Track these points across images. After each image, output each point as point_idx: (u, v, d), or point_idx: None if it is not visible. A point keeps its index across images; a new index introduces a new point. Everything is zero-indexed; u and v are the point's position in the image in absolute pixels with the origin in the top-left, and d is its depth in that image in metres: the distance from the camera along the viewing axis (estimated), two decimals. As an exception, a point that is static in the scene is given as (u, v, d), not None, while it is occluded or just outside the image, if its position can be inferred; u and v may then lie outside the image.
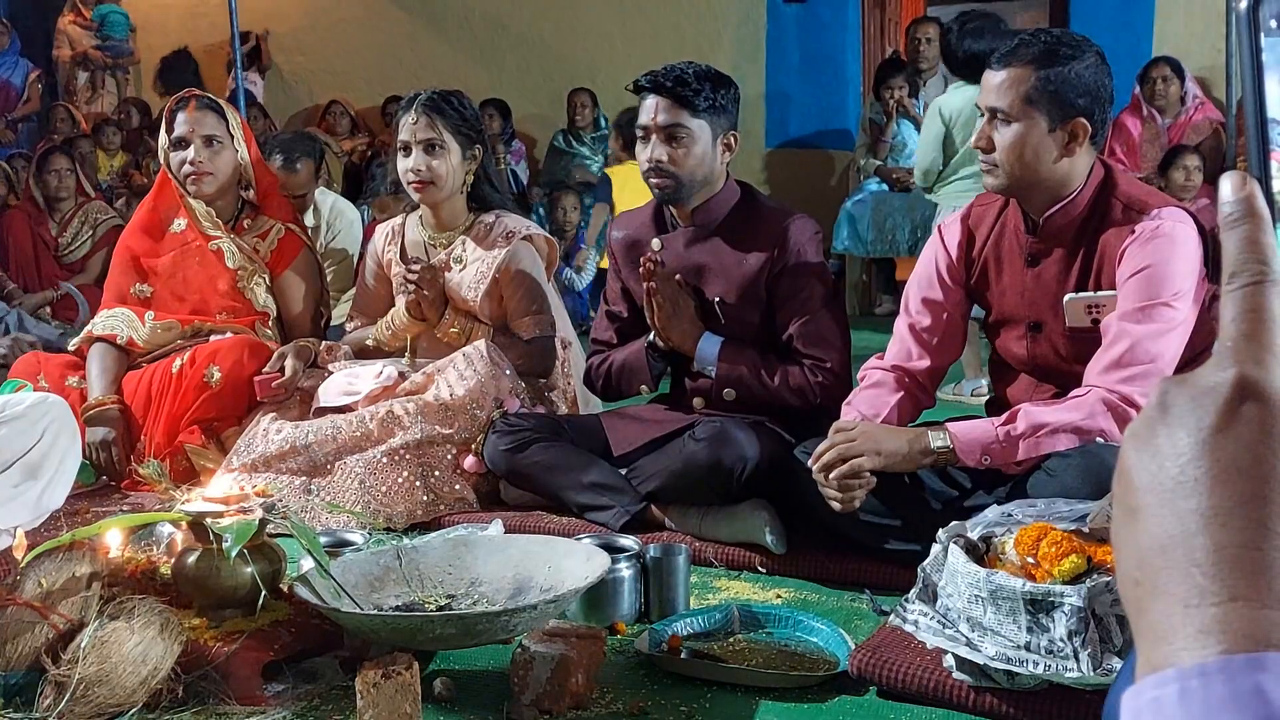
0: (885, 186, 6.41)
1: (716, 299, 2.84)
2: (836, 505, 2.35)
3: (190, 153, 3.52)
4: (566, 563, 2.18)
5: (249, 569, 2.04)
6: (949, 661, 1.88)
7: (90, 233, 6.83)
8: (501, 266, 3.29)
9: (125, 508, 3.13)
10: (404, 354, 3.42)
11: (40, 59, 8.27)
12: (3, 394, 3.09)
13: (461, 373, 3.15)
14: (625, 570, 2.30)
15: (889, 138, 6.35)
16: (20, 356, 3.73)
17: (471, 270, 3.32)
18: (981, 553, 1.93)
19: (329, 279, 4.01)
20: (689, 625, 2.23)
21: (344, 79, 8.47)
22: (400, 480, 3.02)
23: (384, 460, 3.04)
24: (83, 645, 1.86)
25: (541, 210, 6.54)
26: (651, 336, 2.91)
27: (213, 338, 3.51)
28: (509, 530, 2.65)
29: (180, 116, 3.54)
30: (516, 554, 2.26)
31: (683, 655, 2.10)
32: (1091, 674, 1.68)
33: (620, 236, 3.03)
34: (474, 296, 3.31)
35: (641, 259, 2.83)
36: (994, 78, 2.36)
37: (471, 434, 3.09)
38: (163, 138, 3.59)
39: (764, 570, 2.60)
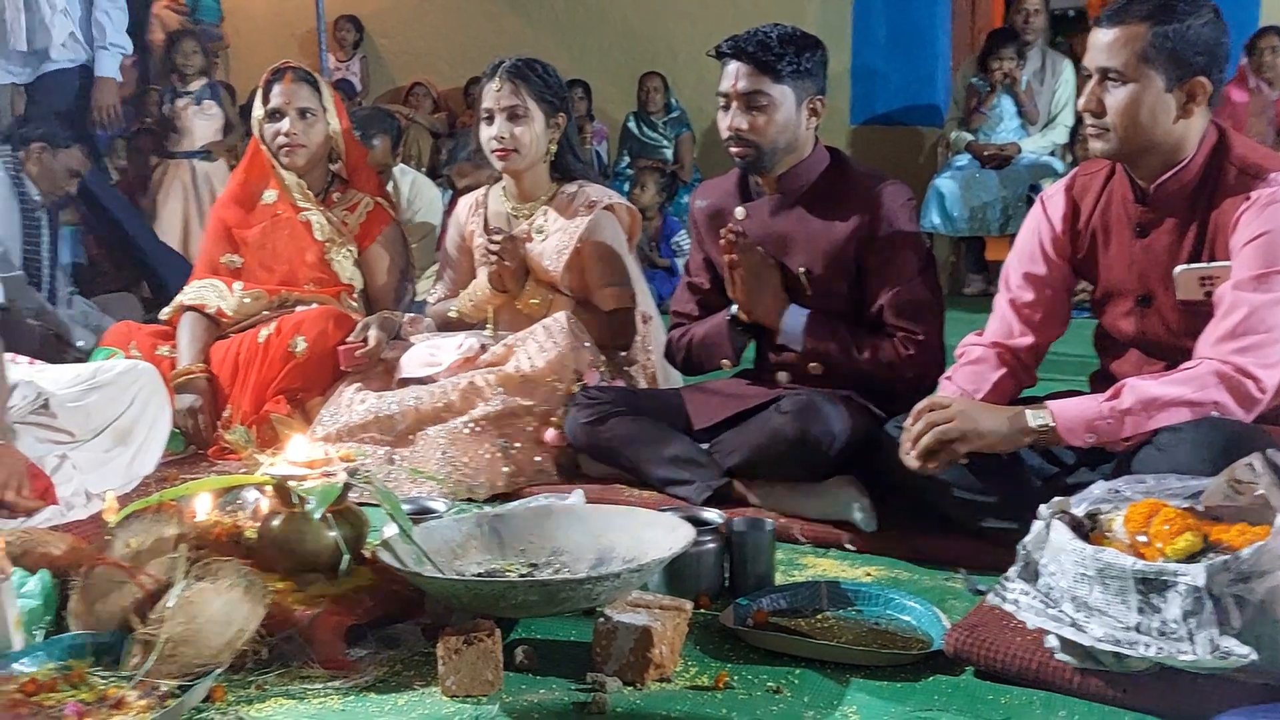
0: (976, 163, 6.28)
1: (802, 270, 2.77)
2: (913, 464, 2.28)
3: (285, 124, 3.56)
4: (649, 533, 2.14)
5: (332, 533, 2.04)
6: (1052, 642, 1.80)
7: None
8: (583, 237, 3.25)
9: (212, 474, 3.15)
10: (485, 325, 3.41)
11: (135, 45, 8.41)
12: (95, 361, 3.14)
13: (541, 344, 3.13)
14: (710, 543, 2.25)
15: (988, 109, 6.21)
16: (111, 327, 3.79)
17: (553, 241, 3.29)
18: (1087, 530, 1.85)
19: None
20: (775, 601, 2.17)
21: (426, 60, 8.51)
22: (482, 451, 3.00)
23: (465, 431, 3.02)
24: (170, 605, 1.86)
25: (626, 187, 6.52)
26: (734, 309, 2.85)
27: (298, 308, 3.53)
28: (590, 502, 2.61)
29: (276, 88, 3.57)
30: (598, 524, 2.22)
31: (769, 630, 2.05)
32: (1207, 657, 1.60)
33: (703, 205, 2.97)
34: (555, 267, 3.28)
35: (723, 229, 2.76)
36: (1104, 36, 2.25)
37: (551, 406, 3.06)
38: (257, 108, 3.62)
39: (853, 548, 2.53)
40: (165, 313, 3.68)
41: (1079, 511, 1.87)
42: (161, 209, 6.49)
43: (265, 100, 3.59)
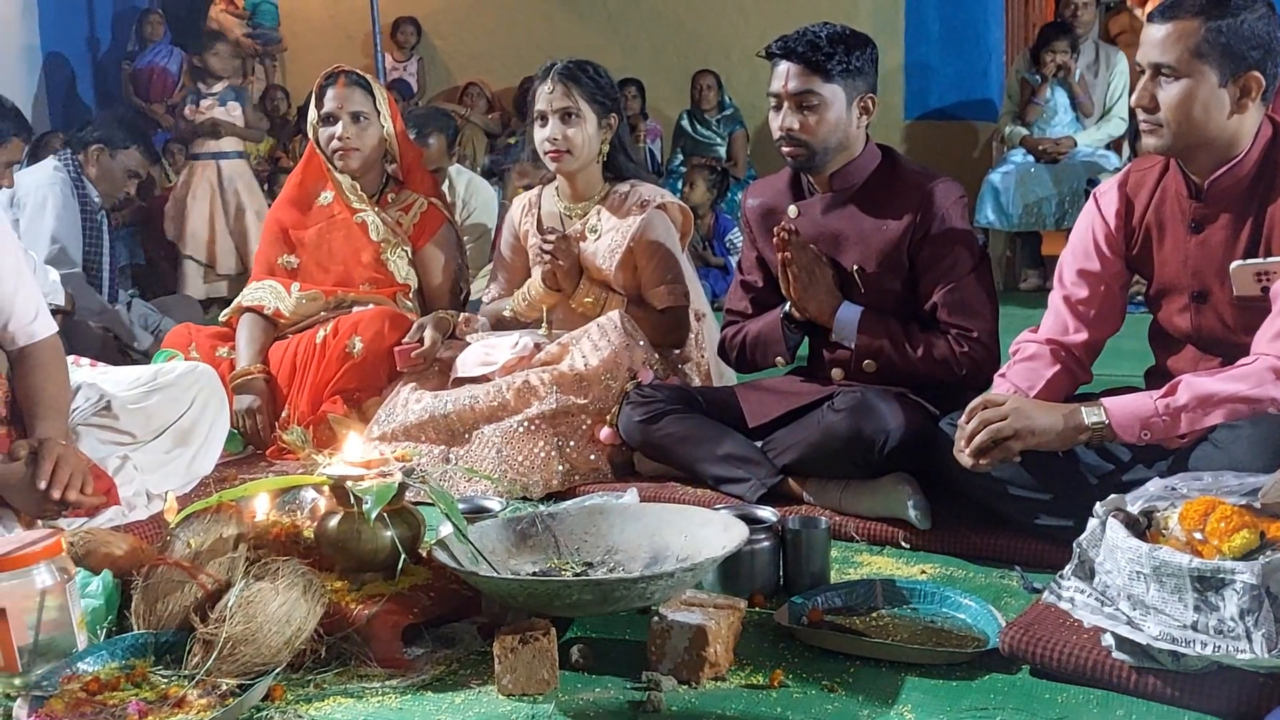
0: (1030, 158, 6.21)
1: (855, 267, 2.76)
2: (967, 462, 2.27)
3: (338, 128, 3.60)
4: (703, 532, 2.15)
5: (389, 533, 2.06)
6: (1108, 641, 1.79)
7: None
8: (636, 236, 3.27)
9: (271, 474, 3.19)
10: (540, 324, 3.43)
11: (193, 48, 8.54)
12: (156, 363, 3.19)
13: (596, 343, 3.14)
14: (764, 542, 2.25)
15: (1042, 100, 6.15)
16: (171, 329, 3.86)
17: (606, 240, 3.31)
18: (1143, 528, 1.83)
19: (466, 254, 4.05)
20: (830, 599, 2.17)
21: (481, 61, 8.57)
22: (536, 450, 3.02)
23: (520, 430, 3.05)
24: (229, 605, 1.89)
25: (679, 186, 6.53)
26: (787, 307, 2.85)
27: (355, 309, 3.57)
28: (644, 500, 2.62)
29: (329, 92, 3.62)
30: (653, 522, 2.23)
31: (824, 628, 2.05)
32: (1265, 655, 1.58)
33: (755, 204, 2.97)
34: (608, 266, 3.29)
35: (776, 228, 2.76)
36: (1157, 31, 2.22)
37: (606, 404, 3.08)
38: (312, 113, 3.67)
39: (908, 545, 2.53)
40: (224, 314, 3.75)
41: (1134, 509, 1.85)
42: (190, 211, 6.56)
43: (319, 104, 3.64)
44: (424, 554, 2.17)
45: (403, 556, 2.03)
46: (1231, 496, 1.80)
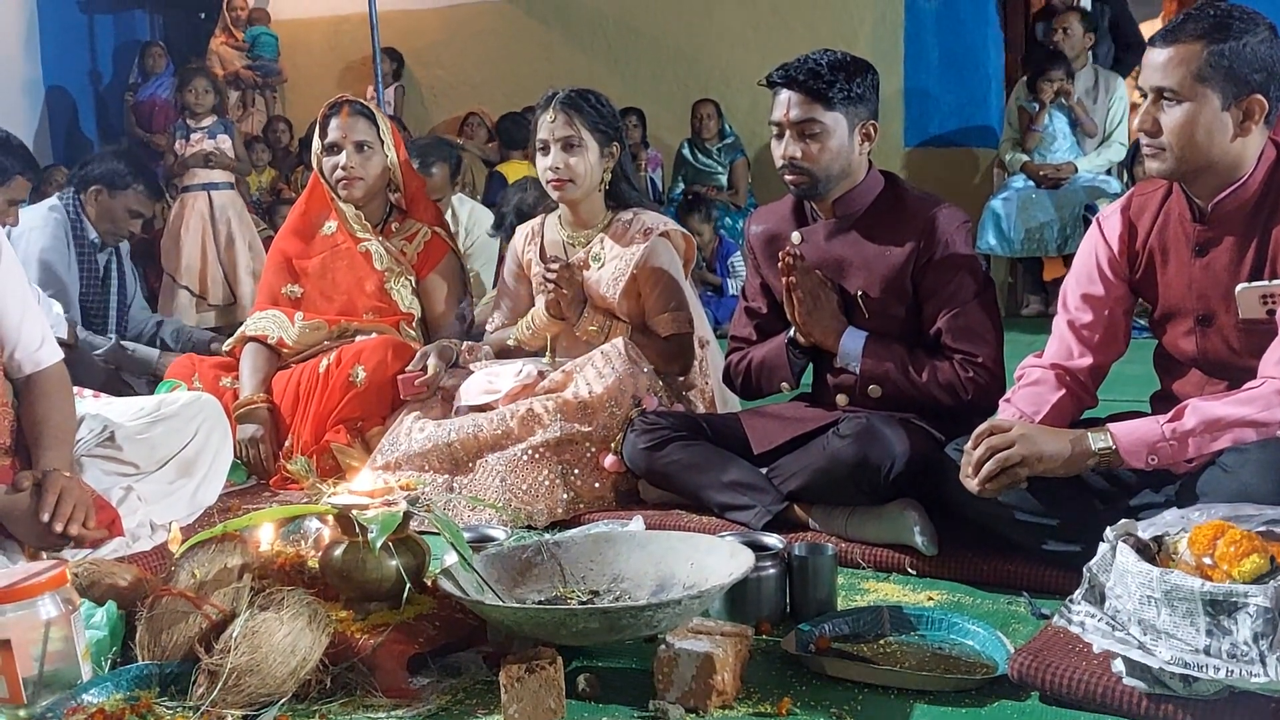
0: (1031, 184, 6.23)
1: (859, 292, 2.77)
2: (974, 488, 2.26)
3: (342, 158, 3.61)
4: (709, 560, 2.14)
5: (394, 562, 2.05)
6: (1118, 667, 1.78)
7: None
8: (639, 263, 3.27)
9: (275, 504, 3.18)
10: (544, 353, 3.43)
11: (176, 84, 8.59)
12: (159, 394, 3.19)
13: (600, 370, 3.14)
14: (770, 569, 2.24)
15: (1040, 127, 6.18)
16: (175, 359, 3.85)
17: (610, 268, 3.31)
18: (1152, 553, 1.82)
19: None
20: (838, 626, 2.16)
21: (481, 91, 8.60)
22: (541, 478, 3.01)
23: (524, 458, 3.04)
24: (234, 635, 1.88)
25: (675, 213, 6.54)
26: (792, 332, 2.85)
27: (358, 338, 3.57)
28: (649, 528, 2.61)
29: (333, 122, 3.63)
30: (659, 550, 2.23)
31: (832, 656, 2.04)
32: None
33: (759, 230, 2.98)
34: (612, 294, 3.29)
35: (780, 253, 2.77)
36: (1159, 55, 2.23)
37: (610, 432, 3.08)
38: (316, 142, 3.68)
39: (914, 572, 2.52)
40: (228, 344, 3.75)
41: (1145, 535, 1.84)
42: (184, 242, 6.57)
43: (323, 134, 3.65)
44: (429, 583, 2.16)
45: (408, 586, 2.02)
46: (1246, 525, 1.79)
